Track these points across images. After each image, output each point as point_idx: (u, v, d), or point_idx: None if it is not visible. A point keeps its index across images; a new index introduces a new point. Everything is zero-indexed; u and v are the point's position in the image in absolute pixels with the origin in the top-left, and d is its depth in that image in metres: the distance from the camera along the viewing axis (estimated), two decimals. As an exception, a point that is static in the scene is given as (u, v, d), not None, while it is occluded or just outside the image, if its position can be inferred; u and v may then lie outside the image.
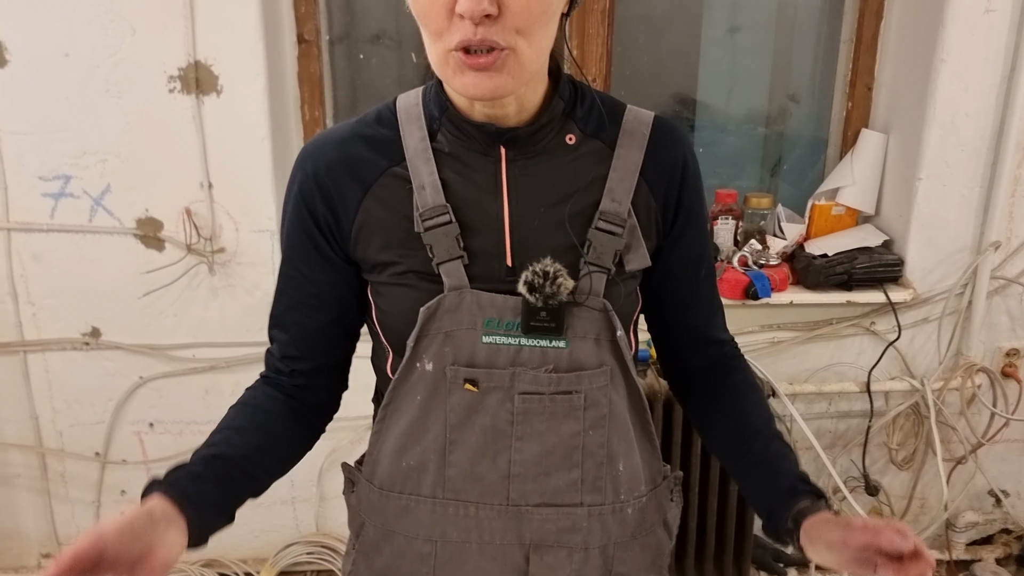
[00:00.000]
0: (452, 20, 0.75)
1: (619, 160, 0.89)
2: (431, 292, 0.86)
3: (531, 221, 0.87)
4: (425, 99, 0.90)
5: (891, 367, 2.09)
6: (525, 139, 0.87)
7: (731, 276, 1.95)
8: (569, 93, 0.89)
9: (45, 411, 2.04)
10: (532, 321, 0.85)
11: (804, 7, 2.18)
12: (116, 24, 1.75)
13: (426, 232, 0.85)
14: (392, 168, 0.88)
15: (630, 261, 0.89)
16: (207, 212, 1.88)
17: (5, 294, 1.93)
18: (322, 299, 0.92)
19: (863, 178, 2.06)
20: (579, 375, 0.88)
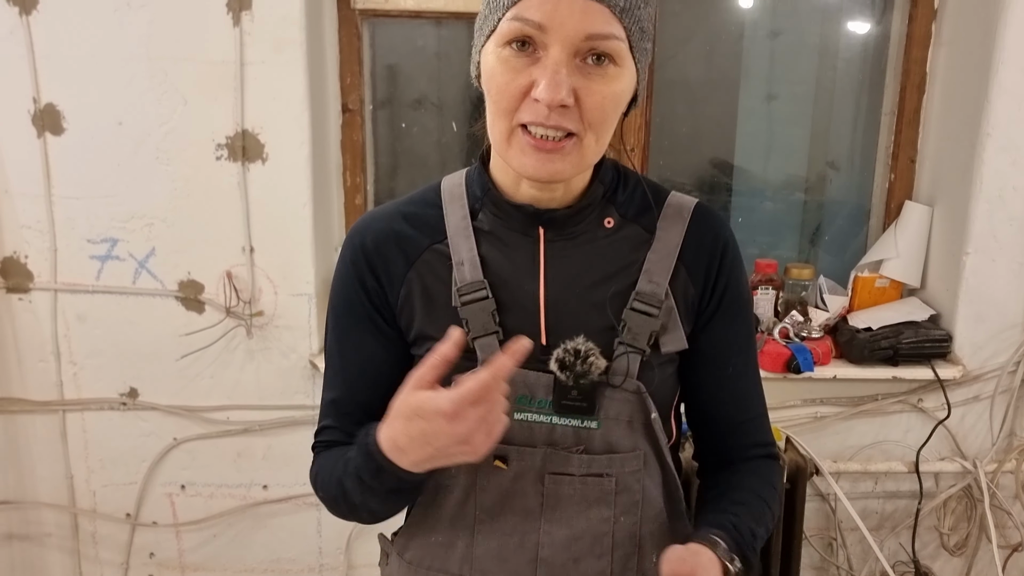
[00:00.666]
0: (525, 100, 0.77)
1: (658, 243, 0.89)
2: (465, 367, 0.86)
3: (567, 301, 0.88)
4: (468, 180, 0.93)
5: (941, 447, 2.00)
6: (563, 221, 0.88)
7: (772, 348, 1.90)
8: (611, 178, 0.91)
9: (80, 471, 2.05)
10: (563, 400, 0.85)
11: (843, 78, 2.18)
12: (169, 95, 1.81)
13: (463, 307, 0.87)
14: (434, 245, 0.90)
15: (666, 343, 0.88)
16: (247, 276, 1.91)
17: (48, 353, 1.96)
18: (378, 370, 0.93)
19: (908, 251, 2.02)
20: (611, 458, 0.87)
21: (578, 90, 0.76)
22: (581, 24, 0.74)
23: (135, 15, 1.77)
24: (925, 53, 2.00)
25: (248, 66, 1.80)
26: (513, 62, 0.77)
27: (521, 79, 0.76)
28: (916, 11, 1.97)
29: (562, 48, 0.75)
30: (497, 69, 0.78)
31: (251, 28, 1.78)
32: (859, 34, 2.14)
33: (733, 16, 2.16)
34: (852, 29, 2.14)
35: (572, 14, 0.74)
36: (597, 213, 0.89)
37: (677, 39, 2.13)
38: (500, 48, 0.78)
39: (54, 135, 1.84)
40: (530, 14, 0.74)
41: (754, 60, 2.21)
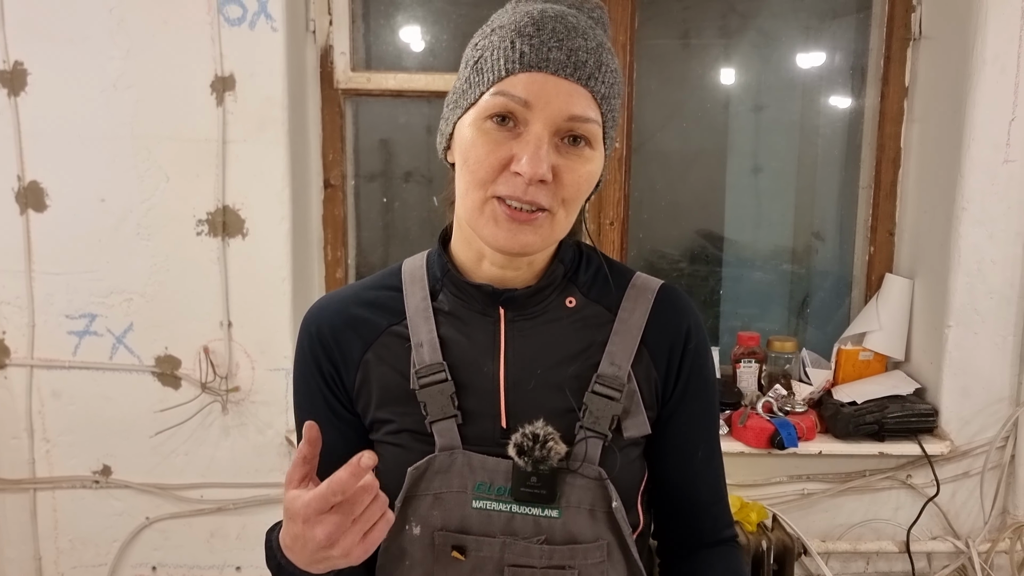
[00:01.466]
0: (503, 173, 0.78)
1: (620, 324, 0.88)
2: (423, 453, 0.85)
3: (527, 383, 0.86)
4: (429, 261, 0.92)
5: (932, 525, 1.95)
6: (524, 300, 0.87)
7: (755, 423, 1.87)
8: (572, 256, 0.90)
9: (49, 551, 1.99)
10: (522, 487, 0.82)
11: (824, 152, 2.22)
12: (152, 172, 1.84)
13: (421, 389, 0.85)
14: (392, 327, 0.89)
15: (629, 428, 0.86)
16: (225, 350, 1.90)
17: (21, 430, 1.93)
18: (331, 457, 0.89)
19: (890, 323, 2.01)
20: (573, 549, 0.84)
21: (556, 167, 0.77)
22: (565, 105, 0.76)
23: (121, 95, 1.81)
24: (899, 129, 2.03)
25: (230, 144, 1.83)
26: (494, 135, 0.77)
27: (501, 152, 0.77)
28: (888, 88, 2.02)
29: (544, 126, 0.76)
30: (478, 141, 0.78)
31: (234, 108, 1.82)
32: (838, 109, 2.19)
33: (716, 92, 2.21)
34: (831, 104, 2.19)
35: (558, 94, 0.76)
36: (558, 293, 0.89)
37: (661, 114, 2.17)
38: (481, 121, 0.78)
39: (37, 212, 1.86)
40: (516, 91, 0.76)
41: (738, 134, 2.26)
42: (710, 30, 2.18)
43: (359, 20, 1.99)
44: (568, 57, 0.76)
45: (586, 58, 0.77)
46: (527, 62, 0.76)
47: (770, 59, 2.20)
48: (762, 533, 1.82)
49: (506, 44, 0.77)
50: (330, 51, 1.96)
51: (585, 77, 0.77)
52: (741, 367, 2.03)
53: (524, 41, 0.76)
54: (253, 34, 1.80)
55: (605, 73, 0.78)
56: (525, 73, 0.76)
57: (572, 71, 0.76)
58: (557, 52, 0.76)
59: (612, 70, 0.80)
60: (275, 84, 1.81)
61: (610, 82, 0.79)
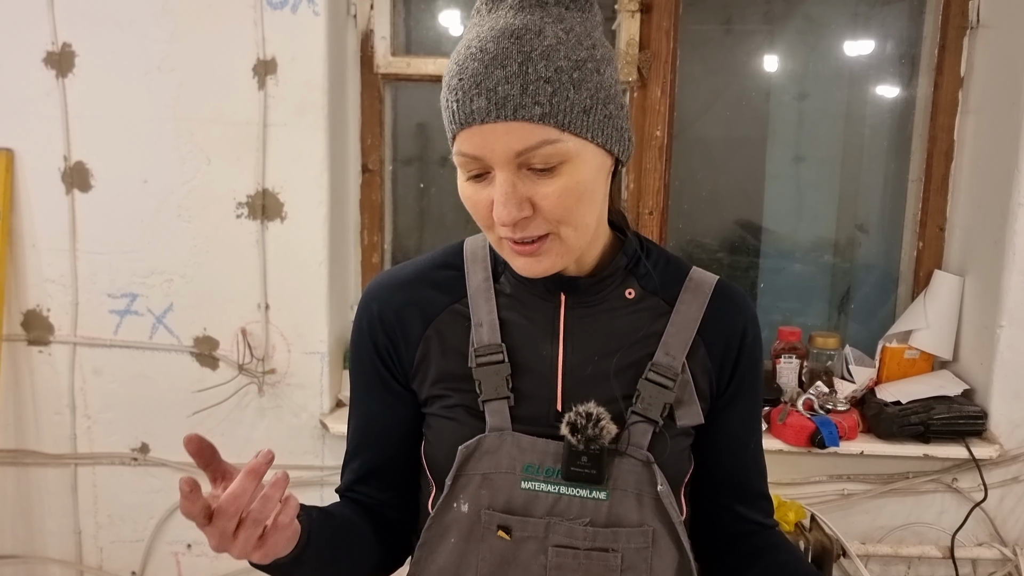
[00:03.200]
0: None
1: (677, 316, 0.89)
2: (477, 430, 0.86)
3: (584, 368, 0.87)
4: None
5: (978, 530, 1.89)
6: (585, 289, 0.88)
7: (796, 421, 1.83)
8: (634, 250, 0.91)
9: (88, 526, 2.03)
10: (573, 466, 0.83)
11: (870, 142, 2.15)
12: (193, 155, 1.86)
13: (478, 368, 0.87)
14: (453, 305, 0.90)
15: (681, 417, 0.87)
16: (262, 333, 1.91)
17: (64, 406, 1.97)
18: (391, 432, 0.94)
19: (938, 322, 1.95)
20: (616, 532, 0.84)
21: (532, 197, 0.77)
22: (508, 145, 0.74)
23: (165, 78, 1.83)
24: (952, 120, 1.96)
25: (271, 127, 1.84)
26: (472, 188, 0.80)
27: (484, 198, 0.79)
28: (942, 78, 1.95)
29: (502, 169, 0.76)
30: (466, 192, 0.81)
31: (275, 91, 1.83)
32: (886, 99, 2.12)
33: (759, 79, 2.16)
34: (879, 94, 2.12)
35: (497, 139, 0.75)
36: (619, 283, 0.89)
37: (702, 101, 2.13)
38: (461, 173, 0.81)
39: (82, 192, 1.89)
40: (465, 148, 0.77)
41: (780, 123, 2.20)
42: (754, 16, 2.13)
43: (399, 5, 1.99)
44: (488, 100, 0.74)
45: (507, 91, 0.73)
46: (459, 120, 0.76)
47: (816, 46, 2.14)
48: (800, 533, 1.78)
49: (444, 102, 0.79)
50: (371, 35, 1.96)
51: (511, 111, 0.73)
52: (781, 363, 1.99)
53: (452, 97, 0.77)
54: (295, 18, 1.80)
55: (536, 90, 0.73)
56: (463, 131, 0.76)
57: (496, 113, 0.73)
58: (478, 100, 0.74)
59: (547, 78, 0.74)
60: (316, 68, 1.81)
61: (547, 93, 0.74)
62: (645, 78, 1.93)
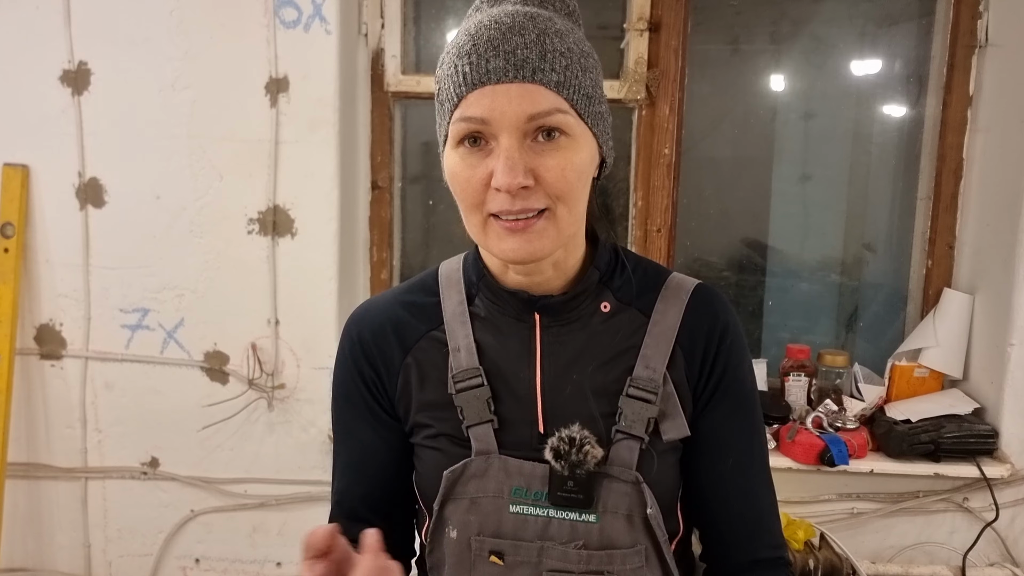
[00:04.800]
0: (489, 191, 0.78)
1: (655, 327, 0.87)
2: (461, 456, 0.85)
3: (563, 388, 0.86)
4: (465, 265, 0.93)
5: (990, 551, 1.87)
6: (559, 307, 0.87)
7: (804, 439, 1.82)
8: (608, 261, 0.89)
9: (98, 540, 2.04)
10: (559, 491, 0.82)
11: (878, 161, 2.15)
12: (206, 171, 1.88)
13: (458, 394, 0.86)
14: (431, 332, 0.90)
15: (667, 430, 0.85)
16: (272, 348, 1.92)
17: (75, 420, 1.98)
18: (381, 462, 0.93)
19: (948, 340, 1.94)
20: (610, 554, 0.83)
21: (535, 168, 0.76)
22: (520, 107, 0.75)
23: (179, 96, 1.85)
24: (961, 139, 1.96)
25: (282, 145, 1.86)
26: (470, 159, 0.78)
27: (480, 172, 0.77)
28: (951, 97, 1.95)
29: (509, 134, 0.76)
30: (458, 167, 0.79)
31: (287, 109, 1.85)
32: (893, 118, 2.12)
33: (766, 99, 2.17)
34: (886, 113, 2.13)
35: (510, 101, 0.75)
36: (593, 298, 0.88)
37: (709, 121, 2.14)
38: (455, 149, 0.79)
39: (95, 208, 1.91)
40: (472, 111, 0.76)
41: (787, 142, 2.21)
42: (761, 36, 2.14)
43: (410, 23, 2.01)
44: (507, 61, 0.75)
45: (526, 54, 0.75)
46: (471, 81, 0.76)
47: (823, 66, 2.15)
48: (809, 552, 1.77)
49: (452, 70, 0.78)
50: (381, 54, 1.98)
51: (530, 73, 0.75)
52: (790, 380, 1.98)
53: (464, 61, 0.76)
54: (307, 36, 1.82)
55: (553, 59, 0.76)
56: (473, 92, 0.76)
57: (515, 73, 0.75)
58: (495, 60, 0.75)
59: (562, 52, 0.77)
60: (327, 86, 1.83)
61: (562, 65, 0.76)
62: (653, 96, 1.95)
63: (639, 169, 2.00)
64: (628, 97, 1.95)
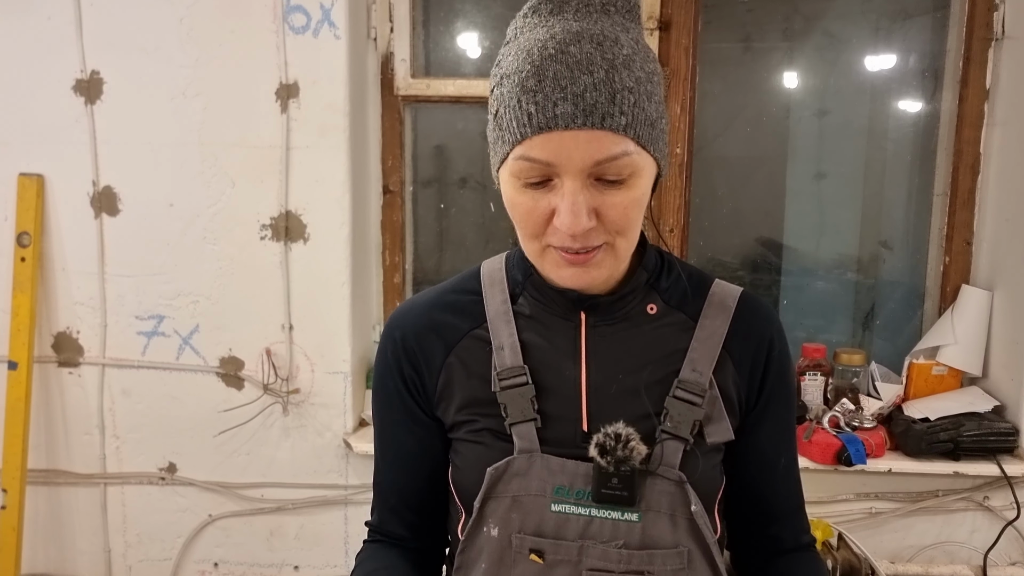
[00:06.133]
0: (550, 225, 0.78)
1: (702, 331, 0.87)
2: (504, 452, 0.85)
3: (608, 387, 0.86)
4: (509, 264, 0.93)
5: (1011, 549, 1.85)
6: (606, 307, 0.87)
7: (821, 439, 1.81)
8: (655, 264, 0.90)
9: (118, 545, 2.06)
10: (603, 488, 0.82)
11: (893, 158, 2.13)
12: (218, 178, 1.88)
13: (502, 392, 0.86)
14: (474, 330, 0.90)
15: (711, 433, 0.85)
16: (286, 353, 1.93)
17: (93, 427, 2.00)
18: (417, 460, 0.94)
19: (966, 337, 1.92)
20: (651, 554, 0.83)
21: (598, 207, 0.76)
22: (588, 154, 0.73)
23: (190, 103, 1.86)
24: (978, 133, 1.94)
25: (293, 150, 1.86)
26: (530, 193, 0.77)
27: (541, 205, 0.77)
28: (967, 91, 1.93)
29: (574, 177, 0.74)
30: (517, 199, 0.78)
31: (298, 115, 1.85)
32: (908, 113, 2.10)
33: (779, 97, 2.15)
34: (901, 108, 2.10)
35: (578, 146, 0.73)
36: (640, 299, 0.88)
37: (722, 119, 2.12)
38: (514, 181, 0.78)
39: (110, 216, 1.92)
40: (536, 154, 0.74)
41: (801, 139, 2.19)
42: (774, 33, 2.12)
43: (419, 27, 2.01)
44: (575, 106, 0.72)
45: (595, 98, 0.72)
46: (536, 124, 0.73)
47: (836, 62, 2.12)
48: (827, 552, 1.76)
49: (515, 102, 0.74)
50: (391, 58, 1.98)
51: (599, 120, 0.72)
52: (806, 380, 1.97)
53: (529, 99, 0.73)
54: (317, 42, 1.83)
55: (622, 100, 0.73)
56: (539, 135, 0.74)
57: (583, 120, 0.72)
58: (563, 104, 0.72)
59: (631, 87, 0.73)
60: (337, 91, 1.83)
61: (631, 101, 0.73)
62: (665, 95, 1.93)
63: (651, 169, 1.98)
64: (639, 97, 1.94)
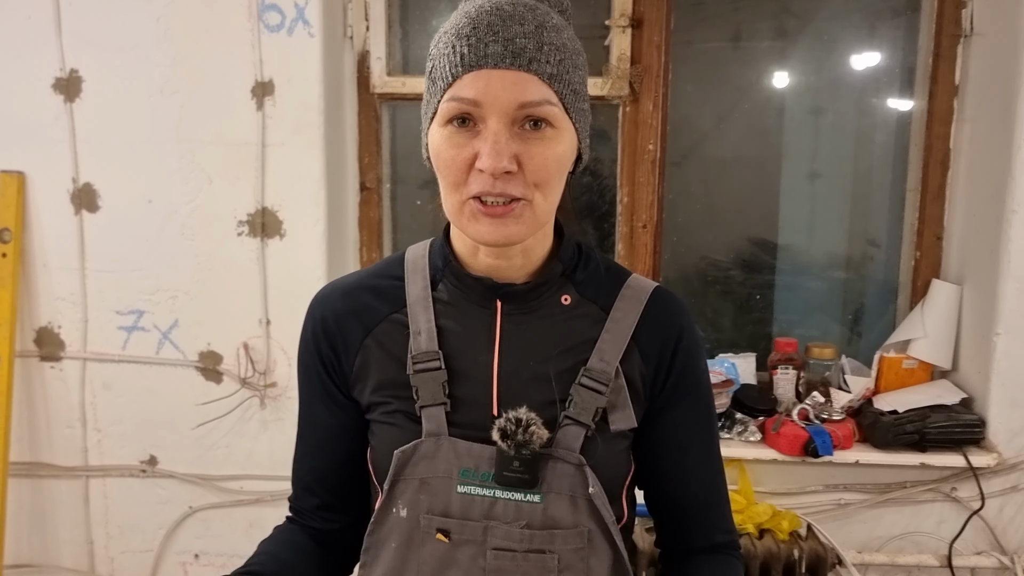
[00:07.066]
0: (471, 172, 0.80)
1: (612, 323, 0.90)
2: (415, 434, 0.87)
3: (519, 373, 0.88)
4: (431, 251, 0.95)
5: (977, 540, 1.88)
6: (521, 295, 0.90)
7: (789, 430, 1.84)
8: (571, 255, 0.92)
9: (100, 536, 2.09)
10: (505, 471, 0.85)
11: (875, 154, 2.15)
12: (196, 175, 1.91)
13: (415, 375, 0.88)
14: (393, 314, 0.92)
15: (615, 421, 0.88)
16: (263, 347, 1.96)
17: (75, 420, 2.03)
18: (332, 440, 0.96)
19: (936, 331, 1.94)
20: (552, 534, 0.86)
21: (519, 155, 0.79)
22: (513, 95, 0.77)
23: (167, 101, 1.89)
24: (948, 129, 1.96)
25: (269, 147, 1.89)
26: (456, 138, 0.80)
27: (465, 152, 0.80)
28: (936, 87, 1.95)
29: (499, 119, 0.78)
30: (443, 146, 0.81)
31: (273, 112, 1.87)
32: (890, 111, 2.11)
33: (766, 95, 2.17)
34: (885, 106, 2.12)
35: (504, 87, 0.77)
36: (555, 290, 0.91)
37: (711, 119, 2.14)
38: (443, 127, 0.81)
39: (90, 212, 1.95)
40: (465, 92, 0.78)
41: (789, 137, 2.20)
42: (764, 32, 2.13)
43: (395, 25, 2.03)
44: (505, 48, 0.77)
45: (524, 43, 0.78)
46: (468, 63, 0.78)
47: (824, 61, 2.14)
48: (794, 542, 1.78)
49: (449, 50, 0.79)
50: (367, 56, 2.00)
51: (526, 62, 0.78)
52: (778, 374, 1.99)
53: (463, 43, 0.78)
54: (291, 40, 1.85)
55: (548, 52, 0.79)
56: (469, 73, 0.78)
57: (512, 60, 0.77)
58: (494, 45, 0.77)
59: (558, 46, 0.80)
60: (311, 89, 1.86)
61: (556, 59, 0.79)
62: (637, 92, 1.96)
63: (624, 165, 2.01)
64: (612, 94, 1.96)
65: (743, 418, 1.92)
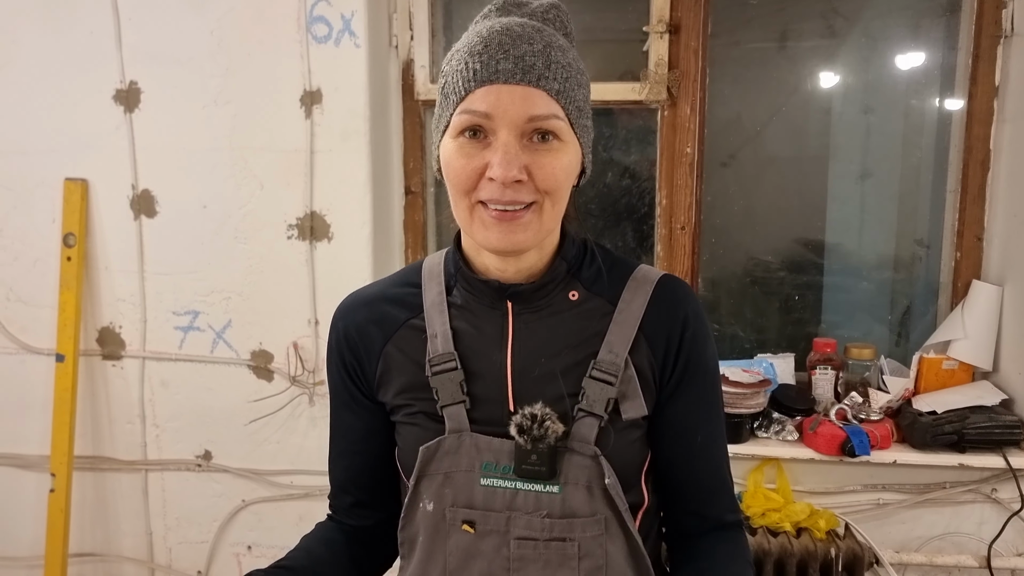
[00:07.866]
0: (482, 181, 0.86)
1: (620, 314, 0.94)
2: (438, 432, 0.93)
3: (532, 370, 0.93)
4: (445, 259, 1.01)
5: (1018, 541, 1.88)
6: (529, 295, 0.94)
7: (826, 430, 1.85)
8: (576, 253, 0.97)
9: (158, 528, 2.19)
10: (524, 464, 0.89)
11: (920, 154, 2.14)
12: (248, 181, 1.99)
13: (434, 376, 0.94)
14: (411, 320, 0.98)
15: (627, 410, 0.92)
16: (312, 346, 2.03)
17: (135, 416, 2.13)
18: (362, 442, 1.02)
19: (976, 332, 1.94)
20: (571, 522, 0.90)
21: (529, 165, 0.84)
22: (523, 108, 0.83)
23: (220, 110, 1.97)
24: (988, 130, 1.95)
25: (317, 154, 1.96)
26: (467, 148, 0.85)
27: (476, 162, 0.85)
28: (976, 88, 1.94)
29: (509, 131, 0.83)
30: (454, 156, 0.86)
31: (321, 120, 1.94)
32: (934, 111, 2.10)
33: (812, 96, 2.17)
34: (928, 106, 2.11)
35: (514, 101, 0.83)
36: (562, 287, 0.95)
37: (758, 120, 2.15)
38: (455, 139, 0.87)
39: (148, 217, 2.04)
40: (477, 106, 0.84)
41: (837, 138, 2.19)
42: (811, 32, 2.13)
43: (439, 34, 2.09)
44: (516, 64, 0.83)
45: (533, 61, 0.83)
46: (480, 78, 0.83)
47: (869, 60, 2.13)
48: (832, 541, 1.80)
49: (462, 67, 0.85)
50: (411, 64, 2.06)
51: (535, 78, 0.83)
52: (816, 374, 2.01)
53: (475, 59, 0.84)
54: (338, 50, 1.91)
55: (555, 70, 0.84)
56: (481, 88, 0.83)
57: (522, 76, 0.83)
58: (505, 63, 0.83)
59: (564, 65, 0.85)
60: (357, 97, 1.92)
61: (563, 76, 0.85)
62: (675, 97, 1.99)
63: (663, 169, 2.04)
64: (650, 98, 1.99)
65: (780, 417, 1.94)
